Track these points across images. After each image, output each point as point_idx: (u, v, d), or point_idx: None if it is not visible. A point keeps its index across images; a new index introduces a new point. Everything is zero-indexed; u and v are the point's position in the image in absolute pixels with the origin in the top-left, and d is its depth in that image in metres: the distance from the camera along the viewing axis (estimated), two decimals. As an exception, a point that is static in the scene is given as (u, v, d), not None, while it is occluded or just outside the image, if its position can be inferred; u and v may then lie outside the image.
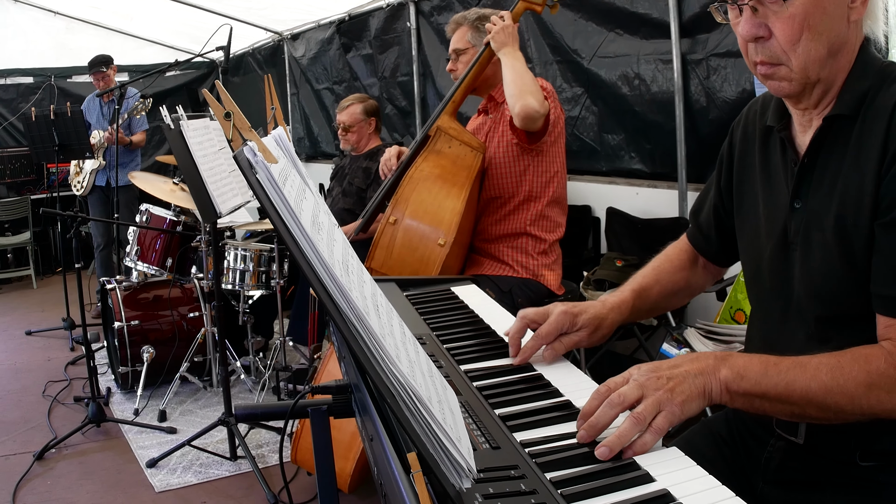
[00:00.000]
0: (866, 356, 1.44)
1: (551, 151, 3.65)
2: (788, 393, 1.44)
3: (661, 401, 1.37)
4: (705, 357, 1.48)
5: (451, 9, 6.40)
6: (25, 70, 10.13)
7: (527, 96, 3.34)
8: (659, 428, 1.34)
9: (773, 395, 1.45)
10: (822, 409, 1.44)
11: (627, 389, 1.39)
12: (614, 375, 1.45)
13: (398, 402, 1.07)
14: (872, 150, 1.47)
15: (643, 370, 1.44)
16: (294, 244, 1.15)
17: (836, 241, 1.53)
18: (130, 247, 5.57)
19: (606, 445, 1.29)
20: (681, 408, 1.38)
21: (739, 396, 1.45)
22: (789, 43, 1.49)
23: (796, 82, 1.53)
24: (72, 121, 6.55)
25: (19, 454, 4.49)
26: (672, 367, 1.45)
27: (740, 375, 1.44)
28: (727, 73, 4.42)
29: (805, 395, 1.43)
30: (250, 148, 1.23)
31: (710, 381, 1.44)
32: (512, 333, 1.78)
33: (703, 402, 1.43)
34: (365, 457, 3.23)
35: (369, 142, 5.61)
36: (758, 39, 1.52)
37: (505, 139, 3.66)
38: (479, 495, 1.12)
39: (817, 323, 1.59)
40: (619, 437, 1.30)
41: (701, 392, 1.42)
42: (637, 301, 1.96)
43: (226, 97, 2.25)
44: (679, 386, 1.40)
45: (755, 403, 1.47)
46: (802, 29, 1.47)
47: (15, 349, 6.66)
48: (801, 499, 1.67)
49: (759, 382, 1.44)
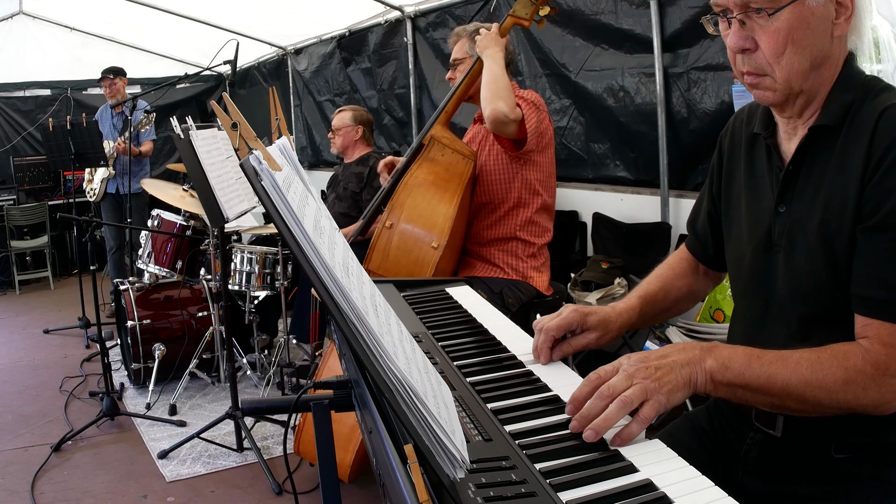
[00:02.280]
0: (845, 353, 1.44)
1: (540, 161, 3.64)
2: (770, 385, 1.44)
3: (649, 389, 1.37)
4: (692, 348, 1.48)
5: (446, 25, 6.41)
6: (43, 83, 10.12)
7: (497, 101, 3.32)
8: (646, 417, 1.34)
9: (755, 386, 1.45)
10: (800, 402, 1.45)
11: (617, 381, 1.39)
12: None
13: (395, 397, 1.06)
14: (856, 159, 1.47)
15: (632, 360, 1.44)
16: (297, 247, 1.15)
17: (819, 245, 1.53)
18: (142, 250, 5.57)
19: (593, 428, 1.30)
20: (667, 397, 1.39)
21: (723, 386, 1.46)
22: (774, 55, 1.49)
23: (780, 92, 1.53)
24: (87, 131, 6.54)
25: (38, 446, 4.48)
26: (660, 358, 1.45)
27: (725, 366, 1.45)
28: (707, 86, 4.43)
29: (785, 387, 1.44)
30: (256, 156, 1.22)
31: (696, 370, 1.45)
32: (535, 346, 1.76)
33: (688, 391, 1.44)
34: (364, 448, 3.22)
35: (356, 148, 5.65)
36: (745, 51, 1.52)
37: (496, 147, 3.65)
38: (472, 485, 1.12)
39: (799, 322, 1.59)
40: (605, 420, 1.31)
41: (686, 382, 1.43)
42: (644, 307, 1.95)
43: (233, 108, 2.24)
44: (666, 376, 1.41)
45: (738, 393, 1.47)
46: (787, 43, 1.47)
47: (33, 347, 6.64)
48: (778, 489, 1.67)
49: (743, 373, 1.45)
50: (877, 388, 1.41)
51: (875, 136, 1.44)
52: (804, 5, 1.45)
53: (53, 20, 9.32)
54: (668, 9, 4.56)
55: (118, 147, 7.07)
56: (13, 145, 9.99)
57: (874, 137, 1.45)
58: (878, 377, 1.41)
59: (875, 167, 1.43)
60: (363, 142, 5.66)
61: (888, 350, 1.42)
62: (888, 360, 1.41)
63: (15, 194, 9.32)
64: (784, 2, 1.44)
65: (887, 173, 1.42)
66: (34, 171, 9.72)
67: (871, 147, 1.45)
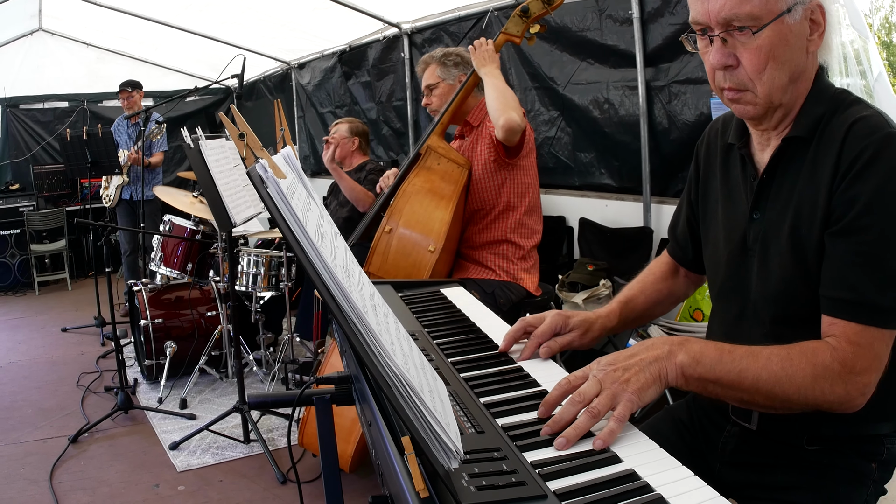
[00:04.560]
0: (814, 350, 1.44)
1: (524, 165, 3.65)
2: (740, 380, 1.44)
3: (616, 393, 1.36)
4: (661, 343, 1.47)
5: (441, 41, 6.41)
6: (61, 95, 10.11)
7: (510, 111, 3.32)
8: (621, 416, 1.33)
9: (725, 381, 1.44)
10: (769, 398, 1.44)
11: (587, 387, 1.38)
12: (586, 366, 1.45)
13: (393, 392, 1.06)
14: (826, 167, 1.47)
15: (602, 363, 1.44)
16: (301, 250, 1.15)
17: (790, 249, 1.53)
18: (155, 253, 5.57)
19: (564, 437, 1.29)
20: (638, 395, 1.38)
21: (694, 381, 1.45)
22: (756, 72, 1.48)
23: (760, 106, 1.53)
24: (102, 141, 6.53)
25: (56, 438, 4.47)
26: (629, 358, 1.44)
27: (696, 360, 1.44)
28: (687, 98, 4.44)
29: (755, 382, 1.43)
30: (262, 165, 1.22)
31: (666, 365, 1.43)
32: (510, 331, 1.78)
33: (659, 386, 1.43)
34: (364, 440, 3.22)
35: (353, 158, 5.64)
36: (727, 68, 1.52)
37: (483, 157, 3.65)
38: (465, 474, 1.12)
39: (772, 322, 1.59)
40: (576, 430, 1.30)
41: (656, 377, 1.42)
42: (624, 310, 1.96)
43: (240, 120, 2.24)
44: (634, 376, 1.40)
45: (708, 388, 1.46)
46: (768, 59, 1.47)
47: (52, 344, 6.63)
48: (754, 479, 1.67)
49: (714, 368, 1.44)
50: (843, 385, 1.41)
51: (844, 147, 1.45)
52: (784, 23, 1.45)
53: (71, 36, 9.30)
54: (650, 26, 4.57)
55: (130, 157, 7.07)
56: (33, 154, 9.99)
57: (843, 148, 1.45)
58: (845, 374, 1.41)
59: (843, 176, 1.44)
60: (360, 152, 5.66)
61: (854, 349, 1.42)
62: (854, 358, 1.42)
63: (35, 200, 9.30)
64: (766, 20, 1.44)
65: (854, 182, 1.42)
66: (53, 179, 9.72)
67: (839, 157, 1.45)
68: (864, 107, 1.51)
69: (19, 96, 9.85)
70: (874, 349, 1.42)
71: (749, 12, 1.43)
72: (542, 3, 3.42)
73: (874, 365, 1.43)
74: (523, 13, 3.46)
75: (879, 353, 1.43)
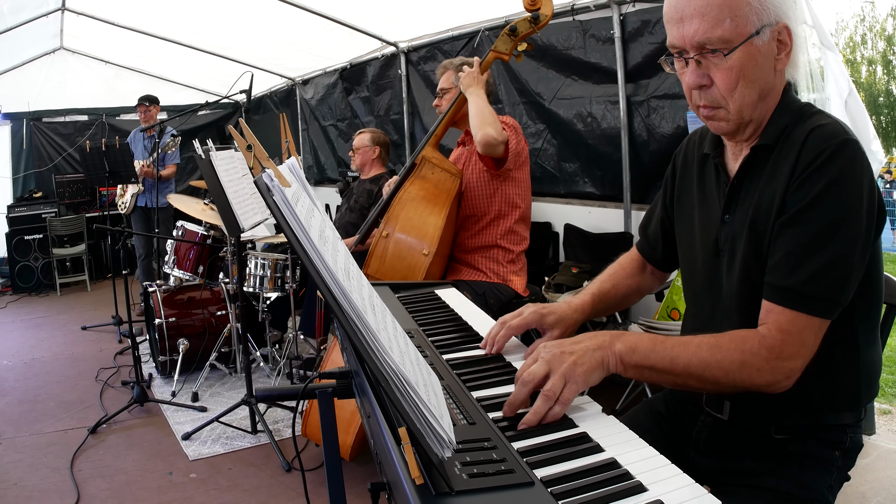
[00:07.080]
0: (742, 337, 1.46)
1: (517, 177, 3.65)
2: (672, 366, 1.46)
3: (566, 374, 1.38)
4: (602, 334, 1.49)
5: (435, 59, 6.40)
6: (81, 109, 10.08)
7: (486, 127, 3.35)
8: (566, 399, 1.36)
9: (659, 367, 1.46)
10: (700, 381, 1.46)
11: (536, 368, 1.40)
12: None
13: (391, 386, 1.06)
14: (784, 169, 1.49)
15: (549, 347, 1.46)
16: (304, 254, 1.15)
17: (751, 246, 1.54)
18: (169, 256, 5.56)
19: (525, 422, 1.31)
20: (584, 378, 1.40)
21: (632, 367, 1.46)
22: (728, 90, 1.49)
23: (733, 122, 1.54)
24: (120, 152, 6.52)
25: (76, 428, 4.45)
26: (574, 344, 1.46)
27: (632, 349, 1.46)
28: (665, 113, 4.44)
29: (686, 368, 1.45)
30: (268, 174, 1.22)
31: (607, 353, 1.45)
32: (490, 333, 1.78)
33: (602, 372, 1.44)
34: (363, 431, 3.21)
35: (372, 167, 5.58)
36: (702, 87, 1.53)
37: (478, 166, 3.66)
38: (458, 463, 1.12)
39: (739, 317, 1.59)
40: (535, 414, 1.33)
41: (600, 363, 1.44)
42: (596, 302, 1.95)
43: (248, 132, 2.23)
44: (581, 359, 1.41)
45: (645, 374, 1.48)
46: (739, 78, 1.48)
47: (72, 341, 6.61)
48: (726, 466, 1.68)
49: (648, 356, 1.46)
50: (770, 370, 1.43)
51: (803, 150, 1.46)
52: (753, 45, 1.46)
53: (90, 54, 9.27)
54: (630, 45, 4.57)
55: (142, 170, 7.06)
56: (55, 164, 9.96)
57: (802, 152, 1.46)
58: (772, 360, 1.43)
59: (798, 175, 1.45)
60: (379, 161, 5.60)
61: (783, 336, 1.43)
62: (782, 345, 1.43)
63: (56, 207, 9.28)
64: (736, 43, 1.45)
65: (806, 180, 1.44)
66: (73, 188, 9.76)
67: (797, 160, 1.46)
68: (825, 116, 1.52)
69: (42, 110, 9.82)
70: (802, 337, 1.44)
71: (720, 36, 1.45)
72: (530, 23, 3.43)
73: (801, 352, 1.44)
74: (511, 32, 3.47)
75: (807, 341, 1.44)
